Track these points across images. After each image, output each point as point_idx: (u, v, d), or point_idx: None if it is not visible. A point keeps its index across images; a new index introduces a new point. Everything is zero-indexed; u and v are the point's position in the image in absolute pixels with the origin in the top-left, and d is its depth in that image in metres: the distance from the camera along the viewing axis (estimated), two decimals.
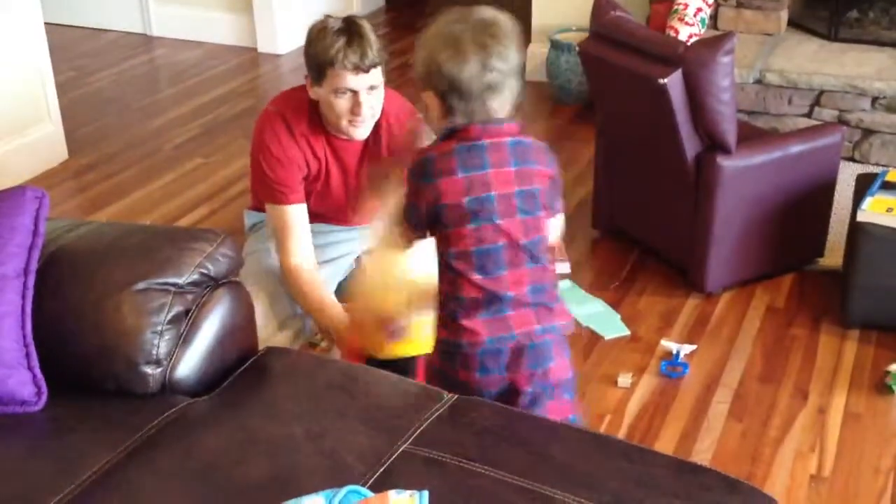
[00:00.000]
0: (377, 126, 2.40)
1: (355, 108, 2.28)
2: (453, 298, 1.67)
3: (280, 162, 2.37)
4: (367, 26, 2.29)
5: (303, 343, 2.53)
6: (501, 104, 1.63)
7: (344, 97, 2.27)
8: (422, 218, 1.68)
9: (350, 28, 2.27)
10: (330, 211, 2.53)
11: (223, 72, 4.71)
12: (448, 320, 1.69)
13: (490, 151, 1.63)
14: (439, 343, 1.73)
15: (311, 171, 2.42)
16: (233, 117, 4.17)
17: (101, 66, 4.80)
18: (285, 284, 2.43)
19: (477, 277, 1.64)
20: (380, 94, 2.33)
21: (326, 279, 2.54)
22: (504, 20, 1.62)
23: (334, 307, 2.33)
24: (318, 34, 2.29)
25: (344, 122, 2.32)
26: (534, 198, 1.66)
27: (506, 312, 1.65)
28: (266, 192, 2.44)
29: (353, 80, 2.25)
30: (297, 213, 2.41)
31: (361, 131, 2.35)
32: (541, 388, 1.70)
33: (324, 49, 2.24)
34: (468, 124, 1.62)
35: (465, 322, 1.65)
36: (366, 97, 2.28)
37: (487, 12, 1.62)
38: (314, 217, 2.49)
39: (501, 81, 1.60)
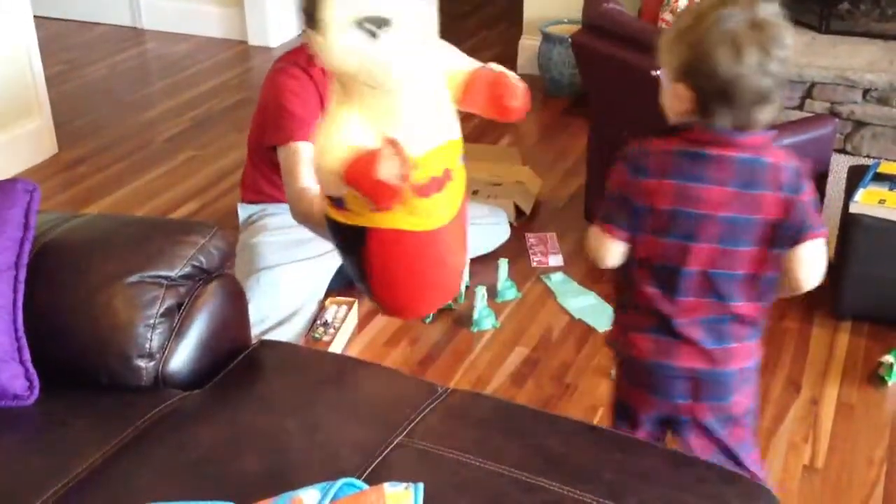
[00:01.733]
0: None
1: None
2: (629, 305, 1.62)
3: (299, 97, 2.38)
4: None
5: (303, 338, 2.53)
6: (766, 115, 1.48)
7: None
8: (630, 216, 1.54)
9: None
10: None
11: (214, 65, 4.69)
12: (621, 325, 1.66)
13: (712, 164, 1.49)
14: (612, 343, 1.71)
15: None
16: (224, 110, 4.15)
17: (91, 59, 4.78)
18: (292, 211, 2.35)
19: (653, 292, 1.57)
20: None
21: (320, 273, 2.55)
22: (780, 18, 1.47)
23: None
24: None
25: None
26: (746, 229, 1.51)
27: (673, 339, 1.58)
28: (282, 133, 2.39)
29: None
30: (308, 150, 2.33)
31: None
32: (714, 419, 1.65)
33: None
34: (703, 128, 1.48)
35: (632, 334, 1.61)
36: None
37: (760, 8, 1.46)
38: None
39: (774, 91, 1.47)
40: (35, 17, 3.65)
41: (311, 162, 2.22)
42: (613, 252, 1.59)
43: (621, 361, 1.71)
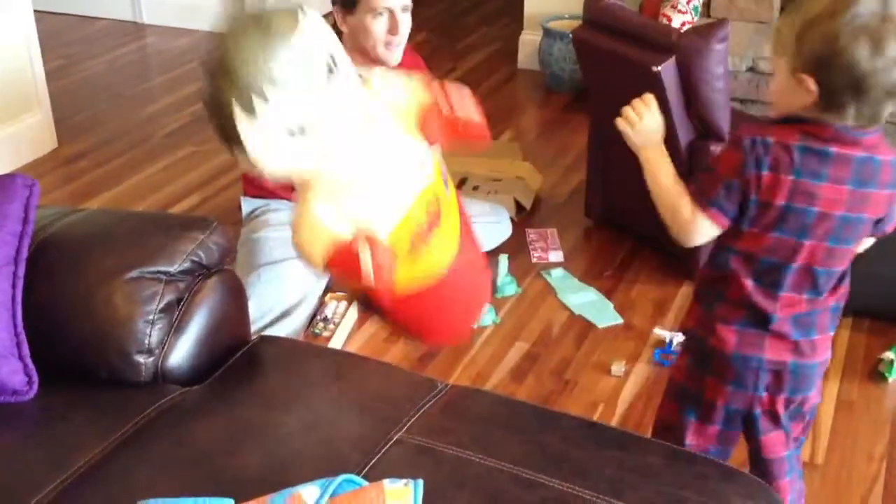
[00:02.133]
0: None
1: (393, 28, 2.34)
2: (717, 297, 1.59)
3: None
4: None
5: (303, 334, 2.53)
6: (888, 111, 1.45)
7: (381, 18, 2.31)
8: (739, 205, 1.50)
9: None
10: None
11: None
12: (704, 316, 1.62)
13: (833, 163, 1.46)
14: (688, 332, 1.68)
15: None
16: None
17: (91, 53, 4.77)
18: None
19: (752, 286, 1.55)
20: (409, 17, 2.37)
21: (310, 283, 2.55)
22: None
23: None
24: None
25: (381, 47, 2.36)
26: (855, 227, 1.51)
27: (763, 332, 1.57)
28: None
29: None
30: None
31: (396, 55, 2.38)
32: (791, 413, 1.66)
33: None
34: (825, 123, 1.45)
35: (719, 326, 1.58)
36: (402, 16, 2.31)
37: (891, 3, 1.41)
38: None
39: None
40: (35, 11, 3.65)
41: None
42: (707, 236, 1.57)
43: (695, 350, 1.68)
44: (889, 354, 2.44)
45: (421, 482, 1.30)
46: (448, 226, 1.56)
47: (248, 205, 2.70)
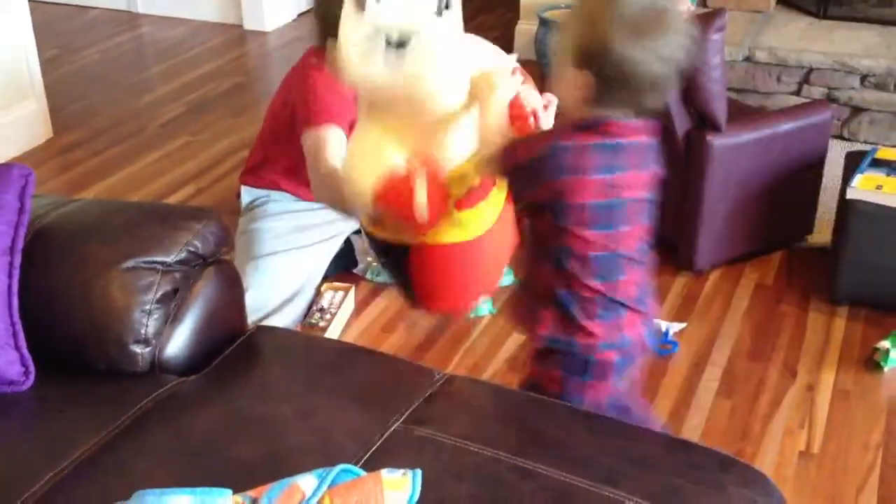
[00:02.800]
0: None
1: None
2: (568, 296, 1.58)
3: (332, 89, 2.29)
4: None
5: (300, 324, 2.53)
6: (663, 99, 1.52)
7: None
8: (531, 194, 1.55)
9: None
10: None
11: (209, 49, 4.67)
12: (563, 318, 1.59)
13: (630, 151, 1.53)
14: (544, 341, 1.63)
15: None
16: (219, 95, 4.13)
17: (86, 43, 4.75)
18: (316, 192, 2.33)
19: (595, 283, 1.56)
20: None
21: (318, 259, 2.55)
22: (676, 4, 1.50)
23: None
24: None
25: None
26: (653, 204, 1.61)
27: (621, 316, 1.59)
28: (311, 117, 2.33)
29: None
30: (337, 134, 2.31)
31: None
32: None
33: None
34: (612, 119, 1.49)
35: (585, 323, 1.57)
36: None
37: None
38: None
39: (671, 74, 1.47)
40: (30, 0, 3.63)
41: (339, 147, 2.22)
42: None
43: (566, 355, 1.64)
44: (884, 343, 2.44)
45: (419, 472, 1.30)
46: (495, 201, 1.57)
47: (248, 195, 2.69)
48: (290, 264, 2.51)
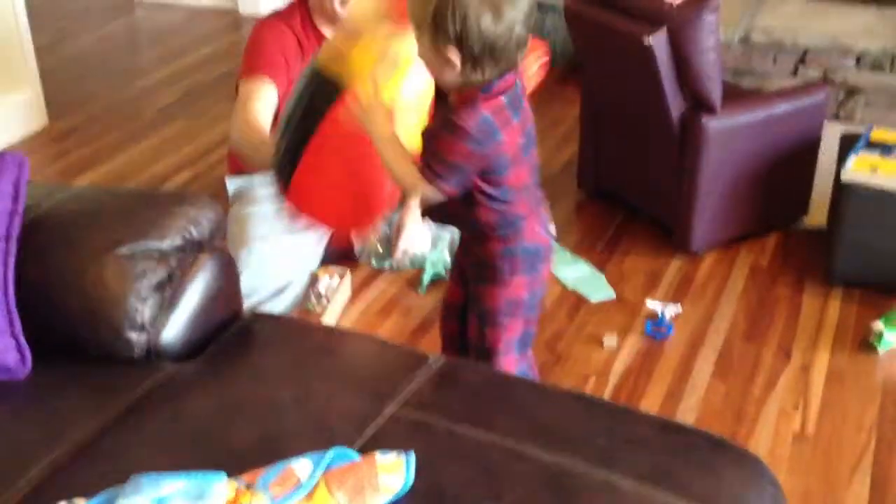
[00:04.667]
0: None
1: None
2: (514, 217, 1.79)
3: (275, 43, 2.50)
4: None
5: (296, 309, 2.53)
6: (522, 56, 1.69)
7: None
8: (468, 178, 1.71)
9: None
10: None
11: (204, 34, 4.65)
12: (514, 235, 1.81)
13: (514, 102, 1.70)
14: (523, 252, 1.83)
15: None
16: (215, 80, 4.13)
17: (80, 29, 4.74)
18: (232, 135, 2.51)
19: (526, 197, 1.79)
20: None
21: (313, 243, 2.56)
22: None
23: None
24: None
25: (337, 4, 2.48)
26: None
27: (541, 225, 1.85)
28: (244, 70, 2.52)
29: None
30: (268, 88, 2.47)
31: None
32: None
33: None
34: (505, 75, 1.66)
35: (538, 228, 1.83)
36: None
37: None
38: None
39: (530, 29, 1.65)
40: None
41: (266, 102, 2.43)
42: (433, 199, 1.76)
43: (522, 257, 1.86)
44: (878, 325, 2.45)
45: (413, 454, 1.31)
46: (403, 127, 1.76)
47: (232, 184, 2.71)
48: (282, 248, 2.52)
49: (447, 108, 1.71)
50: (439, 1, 1.58)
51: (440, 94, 1.81)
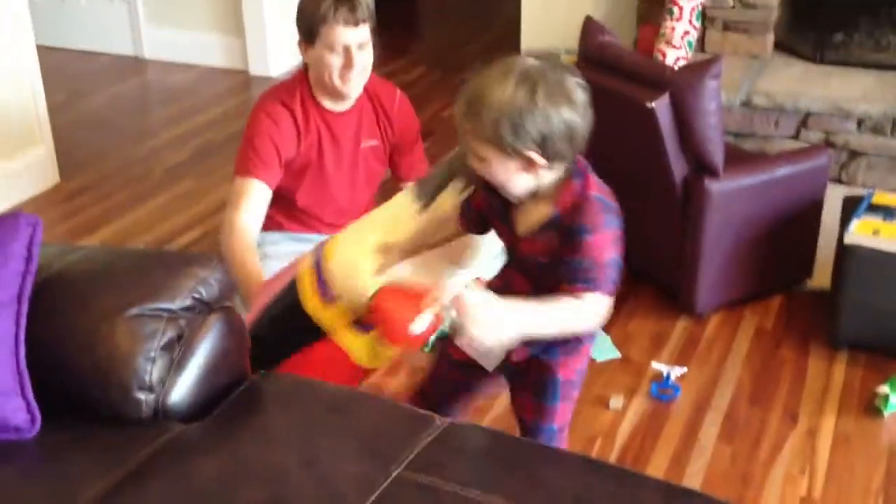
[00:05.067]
0: (364, 97, 2.56)
1: (348, 63, 2.42)
2: None
3: (271, 136, 2.49)
4: None
5: None
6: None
7: (337, 55, 2.37)
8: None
9: None
10: (322, 202, 2.58)
11: (215, 94, 4.72)
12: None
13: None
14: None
15: (303, 147, 2.48)
16: (225, 140, 4.18)
17: (93, 88, 4.81)
18: (222, 237, 2.48)
19: None
20: (370, 52, 2.46)
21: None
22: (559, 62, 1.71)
23: (254, 267, 2.36)
24: None
25: (336, 79, 2.45)
26: None
27: None
28: (239, 162, 2.52)
29: (344, 35, 2.38)
30: (259, 190, 2.48)
31: (353, 88, 2.47)
32: None
33: (316, 7, 2.39)
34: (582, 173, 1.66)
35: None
36: (357, 53, 2.39)
37: (544, 62, 1.62)
38: (300, 215, 2.53)
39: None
40: (38, 46, 3.69)
41: (257, 204, 2.48)
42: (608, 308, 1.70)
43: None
44: (884, 388, 2.45)
45: None
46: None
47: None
48: None
49: (550, 229, 1.64)
50: (509, 109, 1.55)
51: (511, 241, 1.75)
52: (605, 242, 1.61)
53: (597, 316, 1.64)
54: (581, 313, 1.61)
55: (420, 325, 1.65)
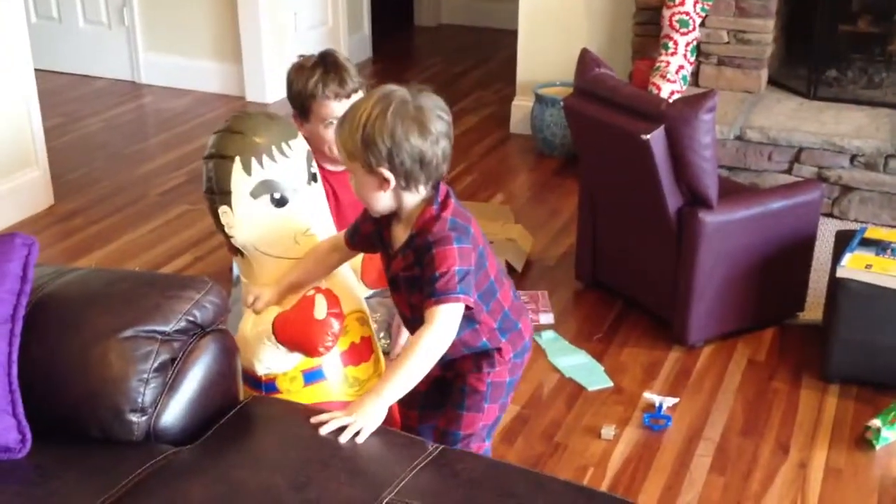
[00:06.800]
0: None
1: None
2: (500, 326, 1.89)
3: None
4: (341, 55, 2.43)
5: None
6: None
7: (332, 127, 2.36)
8: (472, 283, 1.74)
9: (325, 59, 2.40)
10: None
11: (211, 119, 4.74)
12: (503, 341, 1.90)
13: (468, 214, 1.81)
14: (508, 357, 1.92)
15: None
16: None
17: (89, 112, 4.83)
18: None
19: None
20: None
21: None
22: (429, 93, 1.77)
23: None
24: (296, 73, 2.41)
25: (336, 150, 2.42)
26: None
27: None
28: None
29: (337, 109, 2.35)
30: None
31: None
32: None
33: (304, 84, 2.37)
34: (437, 186, 1.77)
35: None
36: None
37: (409, 92, 1.72)
38: None
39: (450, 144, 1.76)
40: (35, 69, 3.71)
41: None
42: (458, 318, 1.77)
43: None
44: (876, 422, 2.45)
45: None
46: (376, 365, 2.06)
47: (238, 266, 2.73)
48: None
49: (408, 248, 1.77)
50: (368, 126, 1.68)
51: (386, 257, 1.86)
52: (451, 254, 1.71)
53: (453, 326, 1.73)
54: (435, 337, 1.71)
55: (321, 308, 1.81)
